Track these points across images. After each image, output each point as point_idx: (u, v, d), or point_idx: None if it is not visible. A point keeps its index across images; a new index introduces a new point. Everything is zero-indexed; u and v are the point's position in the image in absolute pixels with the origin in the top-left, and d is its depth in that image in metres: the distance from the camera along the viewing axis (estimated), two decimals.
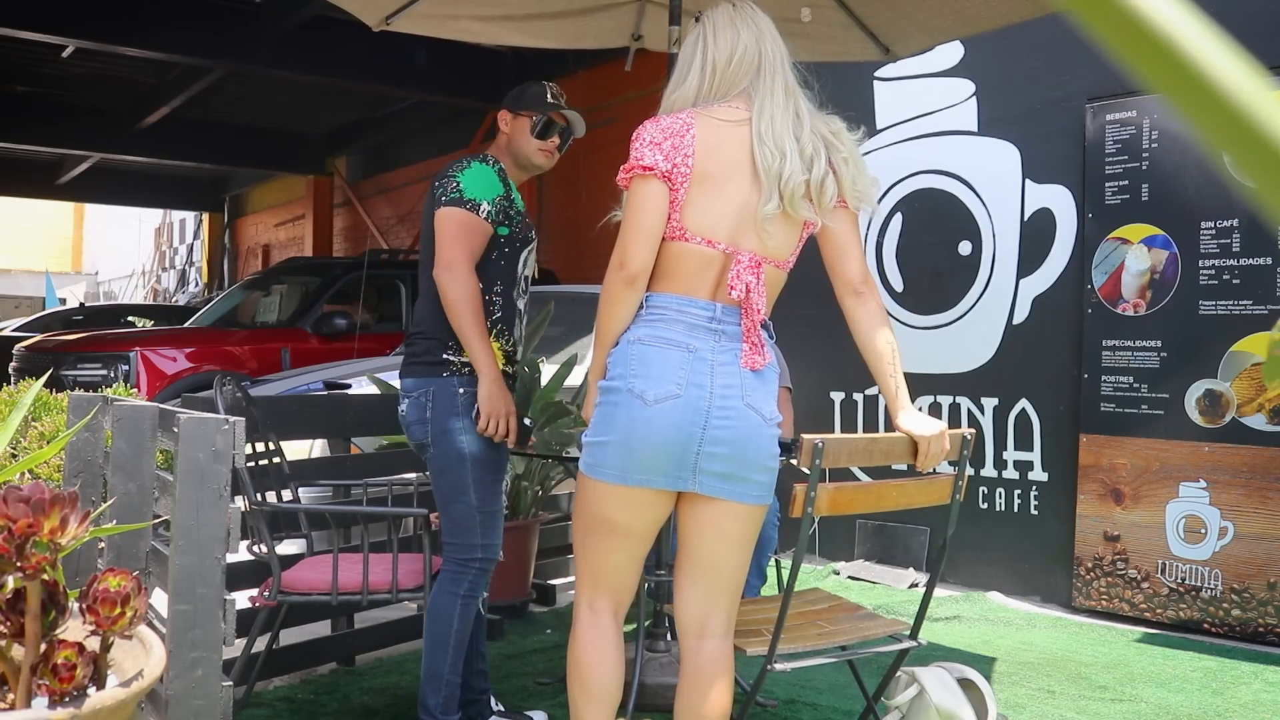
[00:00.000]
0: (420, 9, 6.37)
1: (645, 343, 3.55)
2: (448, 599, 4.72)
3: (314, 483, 6.10)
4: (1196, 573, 7.05)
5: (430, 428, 4.70)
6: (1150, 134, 7.32)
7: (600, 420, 3.61)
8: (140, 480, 3.36)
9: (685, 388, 3.50)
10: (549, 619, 7.26)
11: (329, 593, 4.81)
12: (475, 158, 4.85)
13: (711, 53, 3.74)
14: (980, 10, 6.06)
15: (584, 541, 3.75)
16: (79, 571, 3.41)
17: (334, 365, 10.65)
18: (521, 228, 4.92)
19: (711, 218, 3.58)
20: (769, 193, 3.56)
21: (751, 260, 3.59)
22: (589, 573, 3.76)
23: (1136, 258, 7.36)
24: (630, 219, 3.59)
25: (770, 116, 3.63)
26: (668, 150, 3.56)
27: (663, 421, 3.48)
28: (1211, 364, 7.02)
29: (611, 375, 3.59)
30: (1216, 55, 0.53)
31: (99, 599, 2.32)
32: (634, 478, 3.55)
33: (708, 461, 3.52)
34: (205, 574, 2.88)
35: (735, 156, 3.61)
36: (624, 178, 3.63)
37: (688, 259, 3.58)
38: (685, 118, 3.64)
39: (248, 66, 17.28)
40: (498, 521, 4.83)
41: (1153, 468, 7.26)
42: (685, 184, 3.55)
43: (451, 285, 4.59)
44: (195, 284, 35.20)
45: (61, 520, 2.23)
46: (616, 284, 3.59)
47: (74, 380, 11.72)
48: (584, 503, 3.72)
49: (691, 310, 3.58)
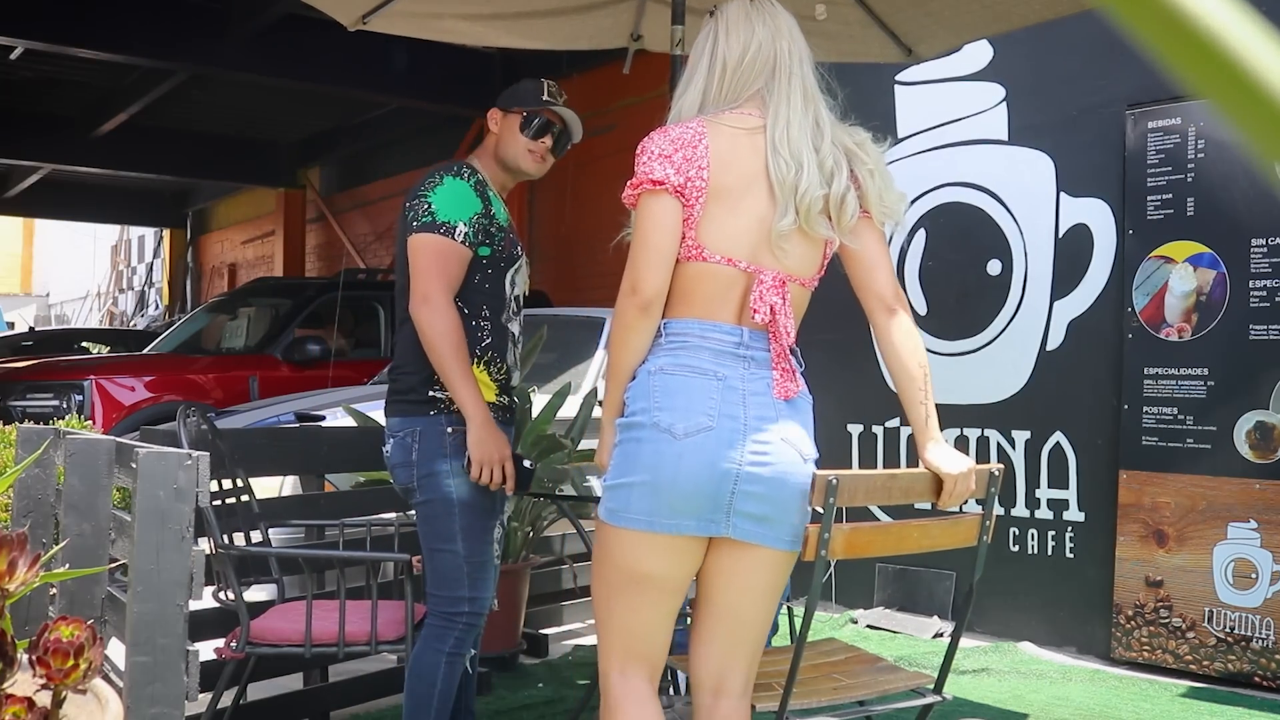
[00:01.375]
0: (400, 7, 6.37)
1: (669, 372, 3.45)
2: (431, 656, 4.66)
3: (285, 523, 6.10)
4: (1246, 621, 7.04)
5: (416, 471, 4.65)
6: (1196, 143, 7.33)
7: (622, 460, 3.48)
8: (95, 520, 3.36)
9: (717, 419, 3.39)
10: (541, 672, 7.25)
11: (302, 644, 4.80)
12: (448, 170, 4.80)
13: (722, 49, 3.68)
14: (1011, 6, 6.06)
15: (609, 600, 3.60)
16: (28, 620, 3.41)
17: (306, 395, 10.66)
18: (505, 245, 4.85)
19: (730, 235, 3.50)
20: (784, 207, 3.48)
21: (775, 279, 3.51)
22: (617, 636, 3.61)
23: (1181, 278, 7.36)
24: (641, 239, 3.52)
25: (786, 123, 3.55)
26: (679, 163, 3.48)
27: (695, 457, 3.36)
28: (1263, 394, 7.01)
29: (632, 410, 3.48)
30: (1268, 56, 0.53)
31: (50, 650, 2.31)
32: (663, 523, 3.41)
33: (743, 501, 3.40)
34: (166, 623, 2.88)
35: (751, 168, 3.53)
36: (631, 195, 3.56)
37: (707, 280, 3.51)
38: (696, 127, 3.56)
39: (212, 69, 17.31)
40: (487, 572, 4.77)
41: (1199, 507, 7.25)
42: (701, 199, 3.47)
43: (429, 321, 4.53)
44: (155, 307, 35.22)
45: (9, 564, 2.23)
46: (630, 311, 3.50)
47: (23, 411, 11.70)
48: (607, 555, 3.58)
49: (716, 336, 3.49)
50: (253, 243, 29.18)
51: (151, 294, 36.19)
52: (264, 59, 16.67)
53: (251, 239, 29.24)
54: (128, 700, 2.78)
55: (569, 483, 5.95)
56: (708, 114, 3.64)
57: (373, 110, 21.46)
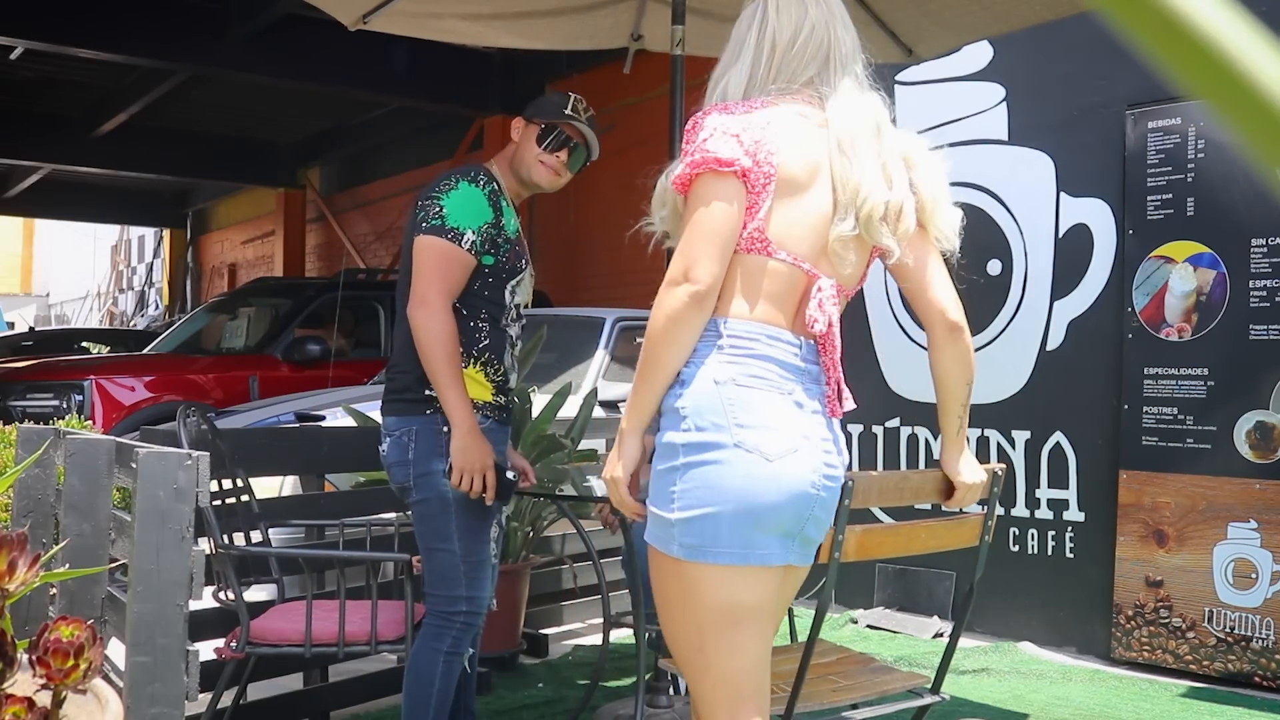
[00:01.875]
0: (400, 7, 6.37)
1: (742, 384, 3.11)
2: (429, 656, 4.66)
3: (285, 523, 6.09)
4: (1246, 621, 7.04)
5: (412, 470, 4.64)
6: (1196, 143, 7.33)
7: (697, 487, 3.10)
8: (95, 520, 3.36)
9: (801, 440, 3.12)
10: (541, 672, 7.25)
11: (302, 644, 4.80)
12: (465, 175, 4.76)
13: (772, 27, 3.40)
14: (1011, 7, 6.06)
15: (703, 647, 3.20)
16: (28, 620, 3.41)
17: (306, 395, 10.65)
18: (510, 257, 4.82)
19: (797, 231, 3.23)
20: (844, 210, 3.22)
21: (833, 287, 3.24)
22: (723, 686, 3.22)
23: (1181, 278, 7.37)
24: (701, 223, 3.17)
25: (849, 118, 3.30)
26: (748, 144, 3.19)
27: (790, 481, 3.08)
28: (1263, 394, 7.02)
29: (699, 426, 3.11)
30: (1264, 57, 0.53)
31: (50, 650, 2.31)
32: (757, 554, 3.10)
33: (812, 528, 3.19)
34: (166, 623, 2.88)
35: (816, 162, 3.26)
36: (688, 174, 3.23)
37: (771, 279, 3.21)
38: (761, 108, 3.29)
39: (212, 69, 17.31)
40: (484, 571, 4.76)
41: (1199, 507, 7.25)
42: (768, 186, 3.19)
43: (425, 325, 4.51)
44: (155, 306, 35.23)
45: (9, 564, 2.23)
46: (681, 301, 3.12)
47: (23, 411, 11.69)
48: (693, 597, 3.18)
49: (782, 345, 3.20)
50: (253, 243, 29.18)
51: (151, 294, 36.19)
52: (264, 59, 16.67)
53: (251, 239, 29.24)
54: (128, 700, 2.78)
55: (569, 483, 5.94)
56: (766, 95, 3.37)
57: (373, 110, 21.46)
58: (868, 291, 8.90)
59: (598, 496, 6.04)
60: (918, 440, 8.78)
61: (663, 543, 3.19)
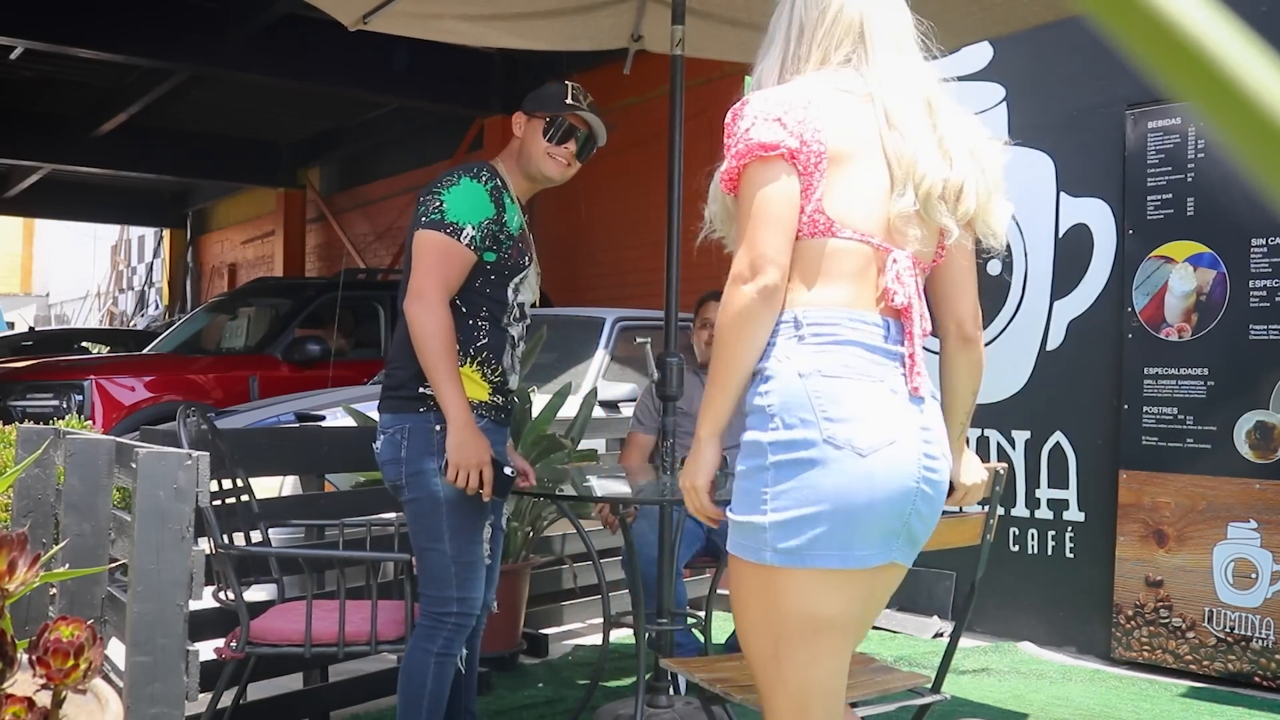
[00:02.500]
0: (400, 7, 6.38)
1: (829, 374, 2.97)
2: (421, 656, 4.64)
3: (285, 523, 6.09)
4: (1246, 621, 7.05)
5: (404, 468, 4.62)
6: (1196, 143, 7.33)
7: (791, 489, 2.95)
8: (95, 520, 3.37)
9: (896, 430, 2.98)
10: (541, 671, 7.25)
11: (302, 644, 4.80)
12: (468, 171, 4.72)
13: (799, 14, 3.30)
14: (1011, 8, 6.07)
15: (779, 658, 3.08)
16: (28, 620, 3.41)
17: (306, 395, 10.65)
18: (512, 254, 4.77)
19: (859, 206, 3.10)
20: (902, 186, 3.09)
21: (909, 259, 3.12)
22: (793, 699, 3.11)
23: (1181, 278, 7.37)
24: (758, 214, 3.05)
25: (895, 91, 3.19)
26: (791, 125, 3.06)
27: (886, 476, 2.95)
28: (1263, 394, 7.02)
29: (787, 423, 2.97)
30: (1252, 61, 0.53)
31: (50, 650, 2.32)
32: (857, 555, 2.97)
33: (916, 524, 3.06)
34: (166, 623, 2.89)
35: (865, 135, 3.13)
36: (733, 168, 3.15)
37: (841, 259, 3.08)
38: (800, 86, 3.18)
39: (212, 69, 17.32)
40: (476, 572, 4.72)
41: (1199, 507, 7.26)
42: (820, 165, 3.06)
43: (420, 319, 4.48)
44: (155, 306, 35.22)
45: (9, 564, 2.23)
46: (748, 298, 3.01)
47: (23, 411, 11.69)
48: (778, 605, 3.04)
49: (866, 327, 3.06)
50: (253, 242, 29.18)
51: (151, 294, 36.19)
52: (264, 59, 16.67)
53: (251, 239, 29.24)
54: (128, 700, 2.78)
55: (569, 483, 5.95)
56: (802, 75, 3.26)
57: (373, 110, 21.46)
58: None
59: (597, 497, 6.05)
60: None
61: (751, 550, 3.04)
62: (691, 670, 4.44)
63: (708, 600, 6.24)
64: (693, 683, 4.35)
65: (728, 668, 4.46)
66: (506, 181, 4.83)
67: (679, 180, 5.78)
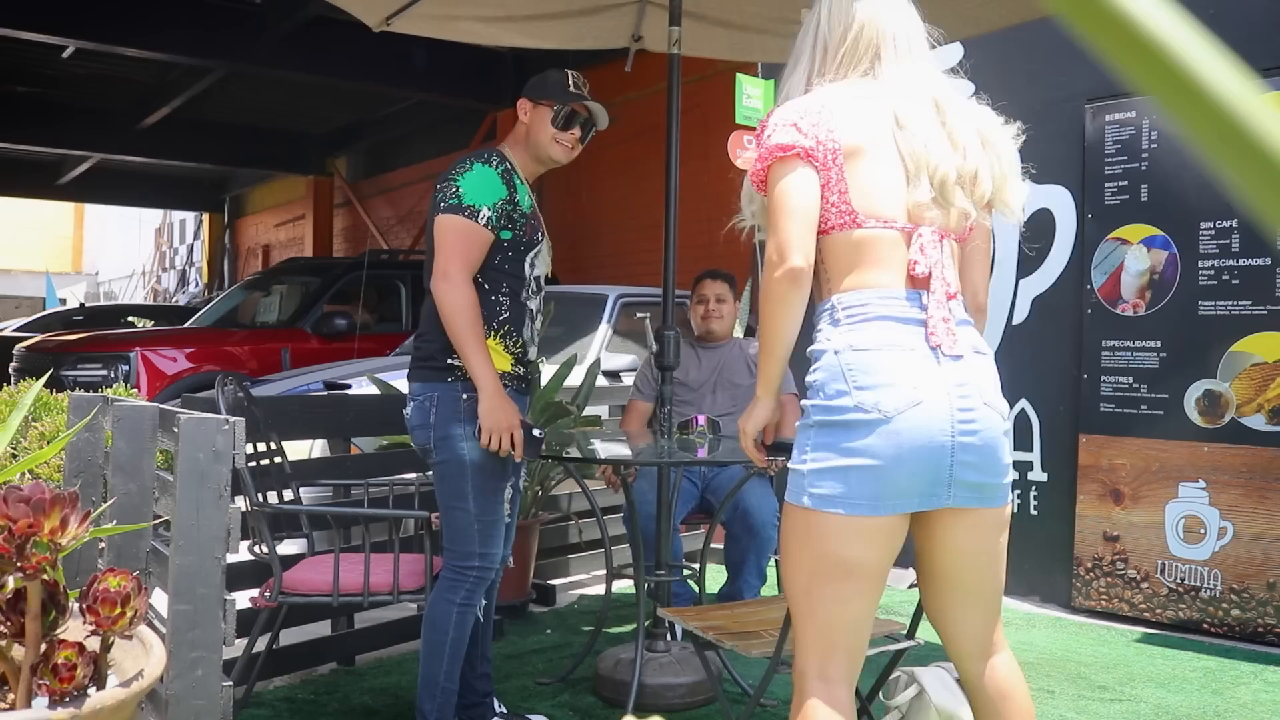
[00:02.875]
0: (420, 10, 6.37)
1: (859, 348, 3.10)
2: (444, 606, 4.66)
3: (315, 483, 6.08)
4: (1196, 573, 7.05)
5: (433, 433, 4.61)
6: (1150, 135, 7.32)
7: (828, 443, 3.10)
8: (140, 480, 3.36)
9: (922, 391, 3.06)
10: (549, 619, 7.26)
11: (330, 594, 4.80)
12: (479, 157, 4.70)
13: (823, 31, 3.42)
14: (979, 12, 6.07)
15: (811, 593, 3.20)
16: (79, 572, 3.42)
17: (334, 365, 10.65)
18: (526, 231, 4.76)
19: (879, 195, 3.21)
20: (916, 179, 3.22)
21: (934, 234, 3.21)
22: (819, 632, 3.22)
23: (1136, 258, 7.36)
24: (781, 207, 3.17)
25: (903, 93, 3.30)
26: (805, 127, 3.19)
27: (912, 434, 3.04)
28: (1211, 364, 7.02)
29: (827, 395, 3.11)
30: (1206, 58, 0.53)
31: (99, 599, 2.32)
32: (888, 504, 3.09)
33: (961, 471, 3.11)
34: (205, 574, 2.89)
35: (879, 133, 3.25)
36: (760, 169, 3.26)
37: (869, 247, 3.19)
38: (815, 95, 3.30)
39: (248, 67, 17.33)
40: (498, 530, 4.73)
41: (1152, 468, 7.26)
42: (837, 161, 3.19)
43: (447, 297, 4.48)
44: (195, 284, 35.26)
45: (62, 520, 2.23)
46: (780, 284, 3.16)
47: (74, 380, 11.70)
48: (811, 544, 3.17)
49: (894, 303, 3.16)
50: (285, 226, 29.17)
51: (192, 273, 36.19)
52: (296, 57, 16.68)
53: (284, 222, 29.23)
54: (170, 645, 2.79)
55: (575, 446, 5.94)
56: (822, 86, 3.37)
57: (395, 104, 21.46)
58: None
59: (601, 459, 6.05)
60: None
61: (794, 494, 3.20)
62: (686, 619, 4.44)
63: (702, 554, 6.25)
64: (688, 630, 4.35)
65: (719, 617, 4.47)
66: (514, 164, 4.81)
67: (675, 168, 5.78)
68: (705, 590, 6.26)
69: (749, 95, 9.25)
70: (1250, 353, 6.86)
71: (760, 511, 6.44)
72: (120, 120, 22.09)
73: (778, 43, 6.79)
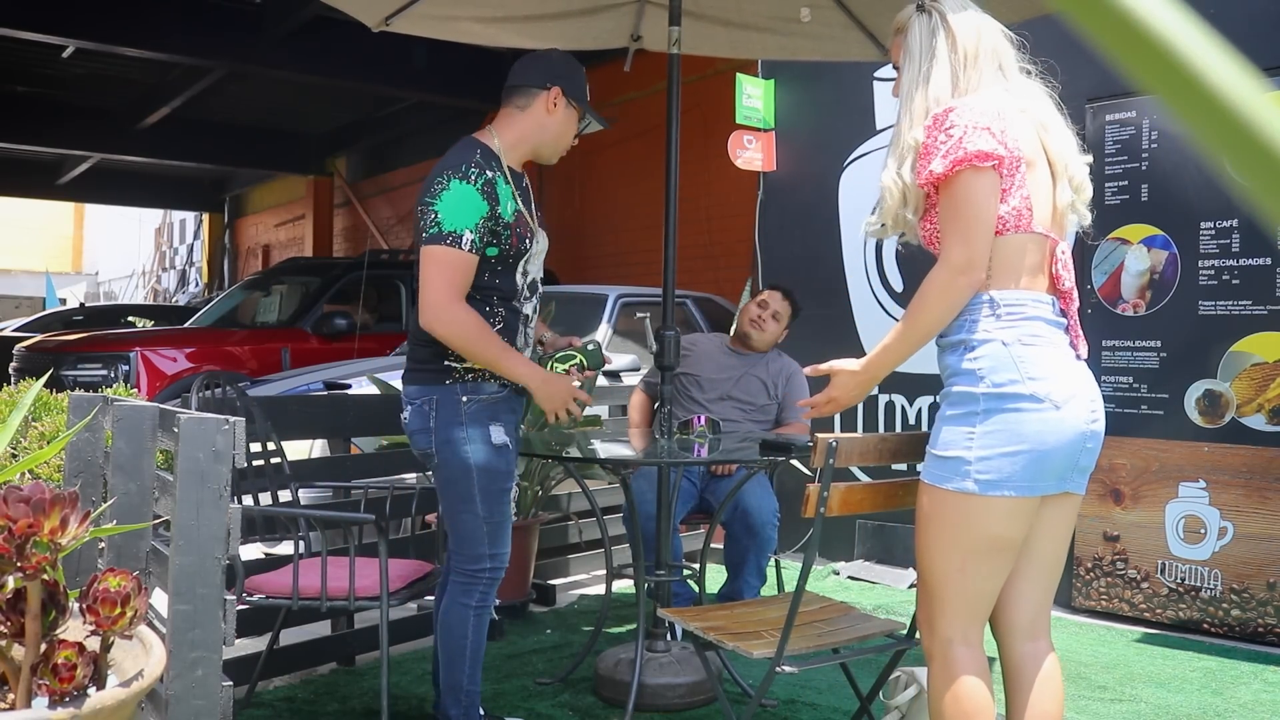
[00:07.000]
0: (420, 10, 6.37)
1: (1027, 344, 3.35)
2: (459, 611, 4.64)
3: (314, 484, 6.08)
4: (1196, 573, 7.05)
5: (434, 437, 4.57)
6: (1150, 134, 7.32)
7: (998, 432, 3.31)
8: (140, 480, 3.36)
9: (1075, 385, 3.40)
10: (549, 619, 7.26)
11: (317, 598, 4.78)
12: (457, 170, 4.56)
13: (960, 38, 3.59)
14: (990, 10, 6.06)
15: (965, 569, 3.43)
16: (79, 571, 3.41)
17: (334, 365, 10.64)
18: (512, 241, 4.61)
19: (1043, 205, 3.45)
20: (1062, 184, 3.52)
21: (1064, 250, 3.49)
22: (967, 603, 3.48)
23: (1136, 258, 7.36)
24: (973, 216, 3.35)
25: (1039, 101, 3.58)
26: (999, 135, 3.35)
27: (1072, 424, 3.34)
28: (1211, 364, 7.02)
29: (996, 382, 3.32)
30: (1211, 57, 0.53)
31: (99, 599, 2.32)
32: (1041, 486, 3.35)
33: (1085, 458, 3.45)
34: (205, 574, 2.88)
35: (1034, 143, 3.48)
36: (947, 170, 3.36)
37: (1030, 251, 3.42)
38: (990, 99, 3.45)
39: (248, 67, 17.34)
40: (505, 531, 4.69)
41: (1152, 468, 7.26)
42: (1018, 168, 3.38)
43: (449, 328, 4.43)
44: (195, 284, 35.27)
45: (62, 520, 2.23)
46: (962, 291, 3.37)
47: (74, 380, 11.71)
48: (972, 526, 3.38)
49: (1043, 306, 3.43)
50: (285, 225, 29.19)
51: (192, 273, 36.20)
52: (295, 57, 16.70)
53: (283, 222, 29.24)
54: (170, 645, 2.78)
55: (575, 445, 5.94)
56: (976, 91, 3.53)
57: (395, 104, 21.47)
58: (848, 267, 8.91)
59: (601, 459, 6.05)
60: (895, 406, 8.78)
61: (948, 480, 3.40)
62: (686, 619, 4.44)
63: (702, 554, 6.25)
64: (688, 630, 4.35)
65: (719, 617, 4.47)
66: (500, 161, 4.68)
67: (675, 168, 5.77)
68: (705, 590, 6.26)
69: (749, 95, 9.25)
70: (1250, 353, 6.87)
71: (760, 511, 6.44)
72: (120, 120, 22.10)
73: (778, 41, 6.80)
